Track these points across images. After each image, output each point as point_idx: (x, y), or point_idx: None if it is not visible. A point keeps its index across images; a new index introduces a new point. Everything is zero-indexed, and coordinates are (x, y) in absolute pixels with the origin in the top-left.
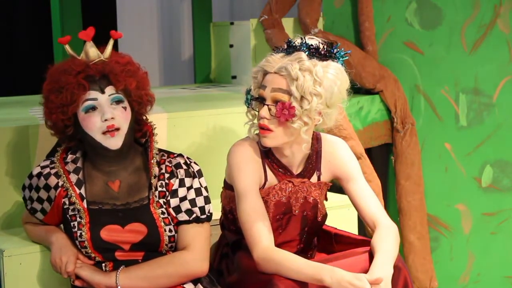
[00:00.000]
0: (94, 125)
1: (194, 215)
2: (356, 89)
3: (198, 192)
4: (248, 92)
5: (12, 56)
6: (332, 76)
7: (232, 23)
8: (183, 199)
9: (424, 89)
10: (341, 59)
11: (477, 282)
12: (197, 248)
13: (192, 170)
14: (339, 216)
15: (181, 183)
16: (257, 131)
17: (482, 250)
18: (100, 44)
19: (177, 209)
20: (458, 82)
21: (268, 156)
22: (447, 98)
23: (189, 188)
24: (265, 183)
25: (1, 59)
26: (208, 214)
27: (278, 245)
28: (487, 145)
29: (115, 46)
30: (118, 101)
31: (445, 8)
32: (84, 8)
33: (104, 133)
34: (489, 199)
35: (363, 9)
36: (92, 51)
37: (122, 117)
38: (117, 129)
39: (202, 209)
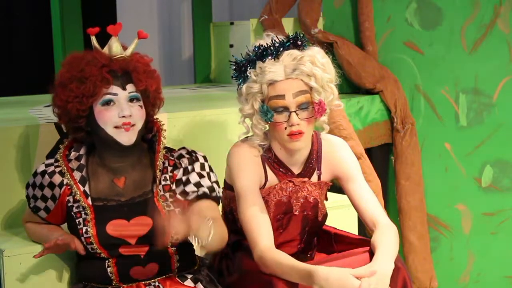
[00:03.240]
0: (109, 119)
1: (203, 191)
2: (356, 89)
3: (203, 174)
4: (267, 109)
5: (12, 56)
6: (325, 58)
7: (232, 23)
8: (187, 181)
9: (424, 89)
10: (308, 44)
11: (477, 282)
12: (220, 218)
13: (195, 155)
14: (339, 216)
15: (185, 171)
16: (263, 142)
17: (482, 250)
18: (100, 44)
19: (184, 192)
20: (458, 82)
21: (269, 156)
22: (447, 98)
23: (192, 170)
24: (265, 183)
25: (1, 59)
26: (218, 194)
27: (279, 244)
28: (487, 145)
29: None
30: (136, 99)
31: (445, 8)
32: (84, 7)
33: (117, 127)
34: (489, 199)
35: (363, 9)
36: (116, 46)
37: (138, 115)
38: (133, 125)
39: (210, 188)
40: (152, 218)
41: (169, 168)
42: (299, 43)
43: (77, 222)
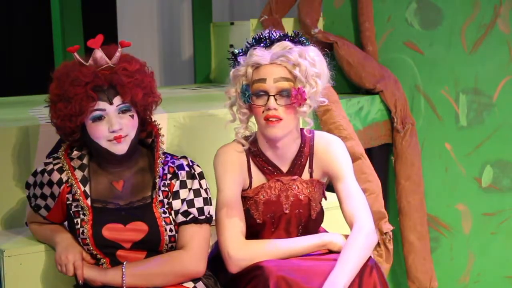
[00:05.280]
0: (101, 134)
1: (191, 216)
2: (356, 89)
3: (196, 193)
4: (246, 89)
5: (12, 56)
6: (319, 57)
7: (232, 23)
8: (183, 201)
9: (424, 89)
10: (307, 43)
11: (477, 282)
12: (194, 248)
13: (194, 172)
14: (339, 216)
15: (182, 185)
16: (246, 133)
17: (482, 250)
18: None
19: (177, 212)
20: (458, 82)
21: (255, 156)
22: (447, 98)
23: (189, 190)
24: (250, 183)
25: (1, 59)
26: (208, 215)
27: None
28: (487, 145)
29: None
30: (125, 110)
31: (445, 8)
32: (84, 7)
33: (109, 140)
34: (489, 199)
35: (363, 9)
36: (100, 57)
37: (129, 125)
38: (125, 136)
39: (200, 210)
40: (148, 224)
41: (169, 176)
42: (296, 40)
43: (75, 222)
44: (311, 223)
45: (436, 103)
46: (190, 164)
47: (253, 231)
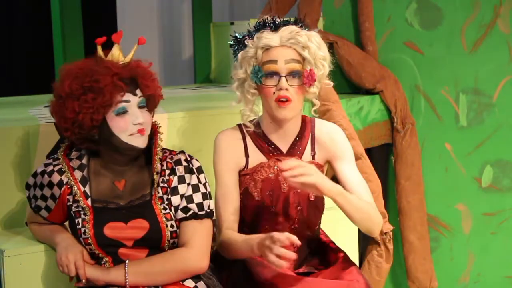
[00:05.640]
0: (126, 127)
1: (191, 212)
2: (356, 89)
3: (195, 188)
4: (258, 69)
5: (12, 56)
6: (322, 41)
7: (232, 23)
8: (183, 196)
9: (424, 89)
10: (306, 28)
11: (477, 282)
12: (196, 245)
13: (192, 166)
14: (340, 215)
15: (181, 180)
16: (251, 117)
17: (482, 250)
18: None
19: (176, 208)
20: (458, 82)
21: (257, 136)
22: (447, 98)
23: (188, 185)
24: (247, 163)
25: (1, 59)
26: (208, 210)
27: (272, 223)
28: (487, 145)
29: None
30: (142, 106)
31: (445, 8)
32: (84, 7)
33: (131, 134)
34: (489, 199)
35: (363, 9)
36: (117, 53)
37: (147, 121)
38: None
39: (200, 206)
40: (149, 221)
41: (167, 172)
42: (299, 25)
43: (76, 222)
44: (309, 204)
45: (436, 103)
46: (188, 158)
47: (253, 213)
